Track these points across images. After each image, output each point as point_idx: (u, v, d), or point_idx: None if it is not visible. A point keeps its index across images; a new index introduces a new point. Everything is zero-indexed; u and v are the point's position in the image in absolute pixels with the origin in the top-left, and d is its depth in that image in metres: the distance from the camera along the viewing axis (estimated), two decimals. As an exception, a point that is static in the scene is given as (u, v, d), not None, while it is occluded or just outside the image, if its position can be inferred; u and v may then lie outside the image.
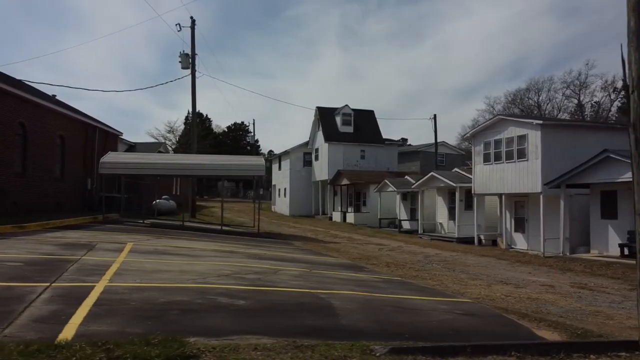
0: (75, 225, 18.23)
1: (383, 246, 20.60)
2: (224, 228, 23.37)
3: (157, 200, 28.03)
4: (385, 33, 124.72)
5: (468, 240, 23.38)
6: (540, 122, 18.99)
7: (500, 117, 20.91)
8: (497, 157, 21.28)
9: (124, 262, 9.69)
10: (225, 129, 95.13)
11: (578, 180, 17.37)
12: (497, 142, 21.22)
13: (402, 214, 30.65)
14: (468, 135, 22.66)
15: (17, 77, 24.55)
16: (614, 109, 60.29)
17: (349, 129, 38.38)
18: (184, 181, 46.08)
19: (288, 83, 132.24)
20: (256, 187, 35.33)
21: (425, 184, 26.44)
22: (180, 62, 27.71)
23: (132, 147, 35.17)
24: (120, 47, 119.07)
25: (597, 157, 16.46)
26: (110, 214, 25.02)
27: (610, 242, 17.38)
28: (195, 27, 28.32)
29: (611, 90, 54.52)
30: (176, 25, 27.90)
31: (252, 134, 68.01)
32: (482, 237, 24.00)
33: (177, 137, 78.51)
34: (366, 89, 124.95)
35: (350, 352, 4.69)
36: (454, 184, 23.98)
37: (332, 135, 37.59)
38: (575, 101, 62.89)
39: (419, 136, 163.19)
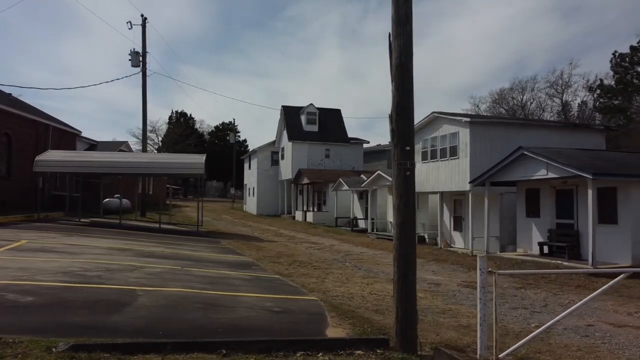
0: (-2, 223, 18.13)
1: (315, 245, 20.43)
2: (164, 227, 23.24)
3: (107, 199, 27.94)
4: (386, 32, 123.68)
5: (411, 239, 23.17)
6: (469, 119, 18.79)
7: (435, 114, 20.67)
8: (433, 155, 21.10)
9: (-26, 259, 9.58)
10: (214, 129, 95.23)
11: (499, 178, 17.17)
12: (434, 140, 21.04)
13: (357, 212, 30.45)
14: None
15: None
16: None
17: (314, 128, 38.20)
18: (158, 180, 46.00)
19: (287, 83, 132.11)
20: (200, 185, 35.49)
21: (373, 183, 26.25)
22: (130, 60, 27.57)
23: (93, 146, 35.05)
24: (116, 45, 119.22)
25: (513, 154, 16.27)
26: (54, 213, 24.96)
27: (533, 240, 17.18)
28: (147, 24, 28.22)
29: (587, 90, 54.19)
30: (127, 23, 27.71)
31: (234, 133, 67.64)
32: (425, 236, 23.82)
33: (160, 137, 78.46)
34: (366, 89, 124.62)
35: (36, 348, 4.55)
36: (397, 183, 23.75)
37: (296, 134, 37.42)
38: (558, 101, 62.61)
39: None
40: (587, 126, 22.40)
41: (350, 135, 39.79)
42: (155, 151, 74.83)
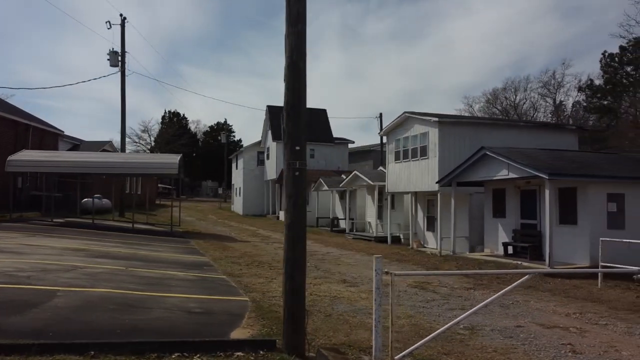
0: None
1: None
2: (138, 227, 23.18)
3: (86, 199, 27.94)
4: (386, 32, 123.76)
5: (386, 240, 23.15)
6: (437, 119, 18.72)
7: (407, 114, 20.61)
8: (405, 155, 21.04)
9: None
10: (208, 129, 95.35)
11: (465, 178, 17.12)
12: (405, 140, 20.98)
13: (338, 212, 30.43)
14: (382, 133, 22.40)
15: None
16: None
17: (299, 128, 38.07)
18: (147, 180, 45.95)
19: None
20: (176, 185, 35.40)
21: (350, 183, 26.21)
22: (108, 59, 27.54)
23: (76, 146, 35.09)
24: (116, 44, 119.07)
25: (476, 154, 16.22)
26: (30, 213, 24.97)
27: (499, 240, 17.12)
28: (126, 24, 28.19)
29: (577, 90, 54.15)
30: (106, 22, 27.69)
31: (226, 133, 67.72)
32: (401, 236, 23.79)
33: (152, 137, 78.48)
34: (366, 89, 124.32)
35: None
36: (372, 183, 23.75)
37: (280, 134, 37.27)
38: (550, 101, 62.53)
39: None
40: (558, 126, 22.32)
41: (348, 135, 40.07)
42: (148, 151, 74.88)
